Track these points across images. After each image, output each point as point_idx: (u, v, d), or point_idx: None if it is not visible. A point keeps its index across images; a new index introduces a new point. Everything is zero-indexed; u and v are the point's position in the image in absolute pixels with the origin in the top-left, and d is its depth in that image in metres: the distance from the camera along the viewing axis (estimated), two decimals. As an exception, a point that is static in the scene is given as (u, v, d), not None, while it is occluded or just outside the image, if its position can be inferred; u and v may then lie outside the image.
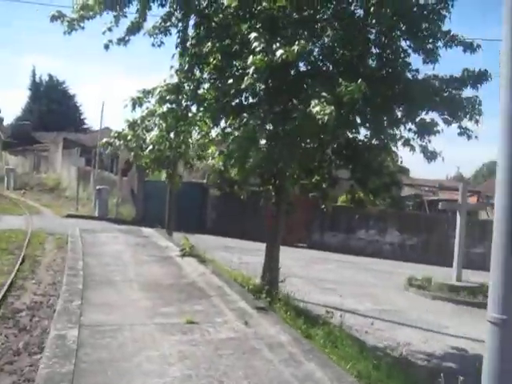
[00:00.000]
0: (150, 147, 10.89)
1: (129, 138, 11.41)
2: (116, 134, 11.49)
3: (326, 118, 7.09)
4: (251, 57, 7.90)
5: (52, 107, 67.82)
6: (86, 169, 32.33)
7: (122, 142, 11.61)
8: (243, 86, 8.08)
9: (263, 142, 9.06)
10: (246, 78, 8.03)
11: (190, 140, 11.80)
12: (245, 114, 8.65)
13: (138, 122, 11.23)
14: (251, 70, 7.85)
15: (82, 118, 75.05)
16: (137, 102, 10.51)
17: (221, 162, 9.88)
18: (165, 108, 10.54)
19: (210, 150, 9.84)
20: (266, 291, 9.35)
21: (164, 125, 10.67)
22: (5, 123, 67.90)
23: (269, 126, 8.69)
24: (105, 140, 12.16)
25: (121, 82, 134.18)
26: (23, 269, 12.55)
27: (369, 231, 27.28)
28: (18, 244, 16.33)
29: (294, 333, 6.22)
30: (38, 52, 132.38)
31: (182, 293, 7.86)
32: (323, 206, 12.05)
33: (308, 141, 9.33)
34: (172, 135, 11.09)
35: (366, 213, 24.34)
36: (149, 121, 11.34)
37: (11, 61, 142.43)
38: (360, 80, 7.57)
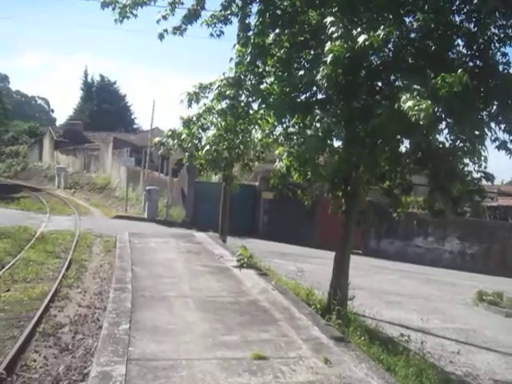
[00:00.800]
0: (207, 147, 9.90)
1: (183, 136, 10.47)
2: (170, 133, 10.56)
3: (422, 114, 5.89)
4: (328, 43, 6.79)
5: (103, 107, 68.44)
6: (135, 169, 31.85)
7: (175, 141, 10.68)
8: (318, 77, 6.95)
9: (337, 143, 8.02)
10: (321, 68, 6.92)
11: (249, 140, 10.80)
12: (317, 111, 7.53)
13: (194, 119, 10.26)
14: (329, 59, 6.74)
15: (132, 117, 75.56)
16: (193, 98, 9.55)
17: (286, 164, 8.79)
18: (224, 104, 9.54)
19: (277, 151, 8.77)
20: (337, 312, 8.20)
21: (222, 123, 9.66)
22: (57, 123, 69.03)
23: (345, 125, 7.52)
24: (157, 139, 11.27)
25: (172, 82, 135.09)
26: (69, 275, 11.80)
27: (427, 238, 25.81)
28: (65, 246, 15.71)
29: (385, 375, 5.06)
30: (89, 53, 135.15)
31: (244, 315, 6.80)
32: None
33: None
34: (231, 134, 10.06)
35: (424, 219, 22.94)
36: (205, 119, 10.37)
37: (64, 62, 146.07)
38: (460, 70, 6.34)
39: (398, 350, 8.02)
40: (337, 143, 7.74)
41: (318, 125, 7.45)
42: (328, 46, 6.76)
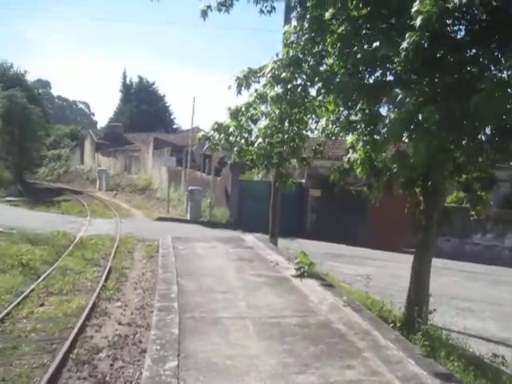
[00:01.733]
0: (259, 140, 8.63)
1: (231, 129, 9.27)
2: (215, 126, 9.36)
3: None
4: (417, 3, 5.41)
5: (142, 108, 68.06)
6: (176, 169, 30.89)
7: (222, 135, 9.48)
8: (404, 45, 5.57)
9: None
10: (407, 35, 5.54)
11: (305, 132, 9.50)
12: (397, 90, 6.14)
13: (243, 109, 9.05)
14: (418, 21, 5.36)
15: (171, 118, 75.03)
16: (243, 83, 8.29)
17: (360, 156, 7.43)
18: (278, 89, 8.25)
19: (349, 140, 7.43)
20: (423, 334, 6.82)
21: (276, 111, 8.36)
22: (98, 126, 69.06)
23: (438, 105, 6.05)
24: (201, 134, 10.08)
25: (211, 83, 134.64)
26: (108, 286, 10.72)
27: (486, 235, 23.99)
28: (104, 252, 14.72)
29: None
30: (127, 56, 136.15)
31: (318, 342, 5.47)
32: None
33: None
34: (285, 125, 8.76)
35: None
36: (256, 108, 9.12)
37: (103, 66, 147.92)
38: None
39: (502, 381, 6.60)
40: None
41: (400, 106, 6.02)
42: (416, 6, 5.39)
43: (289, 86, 8.03)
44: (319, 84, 7.91)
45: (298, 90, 8.19)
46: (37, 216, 22.78)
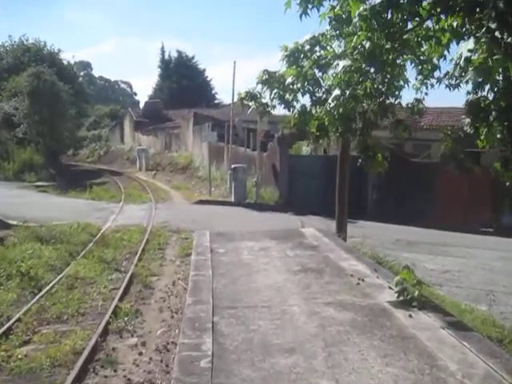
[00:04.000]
0: (336, 93, 5.46)
1: (288, 80, 6.15)
2: (264, 77, 6.29)
3: None
4: None
5: (182, 84, 65.16)
6: (218, 145, 27.94)
7: (275, 90, 6.39)
8: None
9: None
10: None
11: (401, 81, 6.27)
12: None
13: (306, 48, 5.92)
14: None
15: (212, 93, 71.92)
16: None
17: None
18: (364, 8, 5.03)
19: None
20: None
21: (366, 43, 5.13)
22: (141, 106, 66.77)
23: None
24: (244, 91, 6.96)
25: (249, 61, 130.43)
26: (124, 307, 7.83)
27: None
28: (129, 250, 11.91)
29: None
30: (165, 36, 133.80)
31: None
32: None
33: None
34: (376, 68, 5.55)
35: None
36: (326, 46, 5.96)
37: (141, 47, 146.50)
38: None
39: None
40: None
41: None
42: None
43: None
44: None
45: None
46: (63, 203, 20.26)
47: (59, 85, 33.80)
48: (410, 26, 5.40)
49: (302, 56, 6.09)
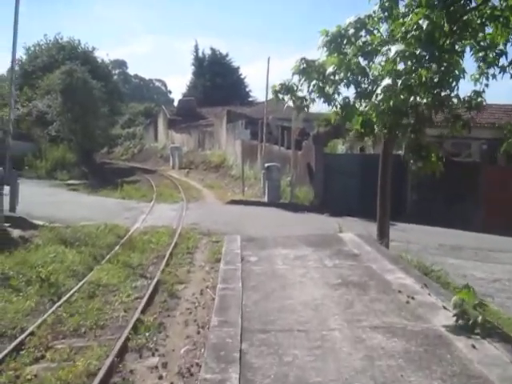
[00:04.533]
0: (386, 82, 4.67)
1: (329, 70, 5.38)
2: (302, 65, 5.53)
3: None
4: None
5: (216, 81, 64.67)
6: (252, 143, 27.22)
7: (313, 82, 5.62)
8: None
9: None
10: None
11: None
12: None
13: (351, 32, 5.15)
14: None
15: (247, 90, 71.24)
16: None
17: None
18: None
19: None
20: None
21: (424, 23, 4.32)
22: (175, 104, 66.56)
23: None
24: (278, 84, 6.21)
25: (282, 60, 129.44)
26: (146, 320, 7.20)
27: None
28: (157, 254, 11.33)
29: None
30: (200, 34, 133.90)
31: None
32: None
33: None
34: (432, 53, 4.73)
35: None
36: (373, 31, 5.16)
37: (176, 45, 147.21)
38: None
39: None
40: None
41: None
42: None
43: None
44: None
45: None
46: (93, 202, 19.86)
47: (92, 82, 33.54)
48: (473, 3, 4.59)
49: (345, 42, 5.32)
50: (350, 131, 11.21)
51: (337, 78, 5.52)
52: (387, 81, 4.69)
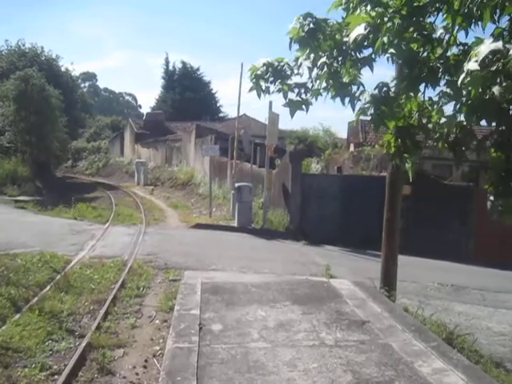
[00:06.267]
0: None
1: (354, 34, 3.18)
2: (306, 27, 3.33)
3: None
4: None
5: (186, 95, 62.71)
6: (221, 160, 24.99)
7: (323, 59, 3.43)
8: None
9: None
10: None
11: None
12: None
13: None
14: None
15: (217, 106, 69.31)
16: None
17: None
18: None
19: None
20: None
21: None
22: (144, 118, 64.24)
23: None
24: (262, 62, 3.98)
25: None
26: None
27: None
28: (96, 297, 8.83)
29: None
30: (174, 50, 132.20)
31: None
32: None
33: None
34: None
35: None
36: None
37: (148, 60, 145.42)
38: None
39: None
40: None
41: None
42: None
43: None
44: None
45: None
46: (38, 223, 17.23)
47: (49, 90, 30.77)
48: None
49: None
50: (323, 150, 8.95)
51: (368, 52, 3.27)
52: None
